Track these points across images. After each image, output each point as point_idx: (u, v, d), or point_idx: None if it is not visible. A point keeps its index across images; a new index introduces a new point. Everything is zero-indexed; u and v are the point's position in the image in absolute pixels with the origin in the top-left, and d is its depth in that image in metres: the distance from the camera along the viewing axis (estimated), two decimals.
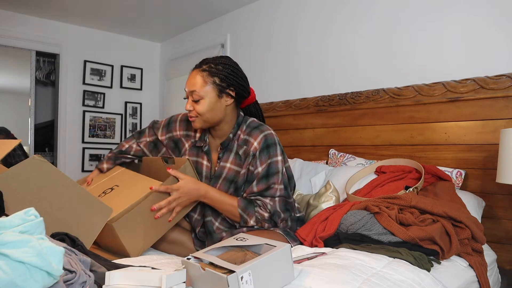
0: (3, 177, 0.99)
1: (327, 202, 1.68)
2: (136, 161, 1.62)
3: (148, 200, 1.24)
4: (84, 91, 3.63)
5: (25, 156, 2.99)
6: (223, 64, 1.33)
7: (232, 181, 1.35)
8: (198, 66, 1.34)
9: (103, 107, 3.75)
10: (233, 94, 1.34)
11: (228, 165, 1.36)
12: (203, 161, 1.42)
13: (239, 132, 1.38)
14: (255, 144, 1.33)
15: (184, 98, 1.38)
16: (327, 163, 2.25)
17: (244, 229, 1.32)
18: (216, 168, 1.38)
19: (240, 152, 1.35)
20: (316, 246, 1.28)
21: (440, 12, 1.92)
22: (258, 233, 1.27)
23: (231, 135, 1.37)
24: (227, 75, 1.32)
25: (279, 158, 1.32)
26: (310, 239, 1.31)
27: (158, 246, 1.39)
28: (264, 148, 1.32)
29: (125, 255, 1.21)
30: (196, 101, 1.31)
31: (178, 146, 1.49)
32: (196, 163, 1.43)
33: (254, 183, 1.31)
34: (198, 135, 1.46)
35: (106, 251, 1.28)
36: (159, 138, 1.51)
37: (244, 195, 1.33)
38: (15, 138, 3.52)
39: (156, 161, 1.48)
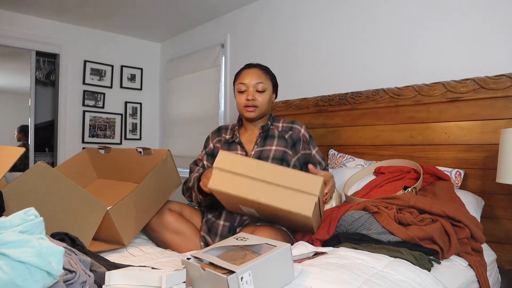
0: (11, 186, 1.02)
1: (328, 204, 1.68)
2: (102, 151, 1.71)
3: (139, 188, 1.33)
4: (84, 91, 3.63)
5: None
6: (270, 70, 1.64)
7: (282, 159, 1.51)
8: (255, 66, 1.59)
9: (103, 107, 3.75)
10: (276, 93, 1.66)
11: (273, 147, 1.54)
12: (236, 151, 1.57)
13: (275, 123, 1.64)
14: (302, 131, 1.61)
15: (240, 92, 1.56)
16: None
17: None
18: (253, 153, 1.54)
19: (286, 136, 1.57)
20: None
21: (440, 12, 1.92)
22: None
23: (269, 124, 1.61)
24: (275, 78, 1.64)
25: None
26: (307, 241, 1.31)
27: (163, 236, 1.45)
28: (310, 136, 1.63)
29: (118, 240, 1.28)
30: (260, 92, 1.54)
31: (214, 154, 1.63)
32: None
33: (323, 163, 1.60)
34: (228, 136, 1.65)
35: (99, 240, 1.33)
36: (204, 163, 1.66)
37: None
38: (29, 137, 3.52)
39: (129, 152, 1.59)
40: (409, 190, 1.49)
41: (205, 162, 1.65)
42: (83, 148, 1.74)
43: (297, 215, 1.14)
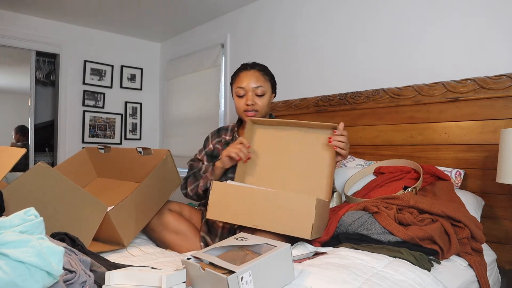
0: (12, 187, 1.02)
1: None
2: (102, 151, 1.71)
3: (138, 189, 1.33)
4: (84, 91, 3.63)
5: None
6: (268, 69, 1.61)
7: None
8: (252, 67, 1.56)
9: (103, 107, 3.75)
10: (275, 92, 1.64)
11: None
12: None
13: None
14: None
15: (239, 96, 1.55)
16: None
17: None
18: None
19: None
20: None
21: (440, 12, 1.92)
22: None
23: None
24: (273, 77, 1.62)
25: None
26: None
27: (163, 236, 1.45)
28: None
29: (118, 241, 1.28)
30: (260, 96, 1.53)
31: (214, 154, 1.63)
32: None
33: None
34: (229, 137, 1.64)
35: (100, 240, 1.33)
36: (205, 163, 1.65)
37: None
38: (28, 137, 3.52)
39: (129, 152, 1.59)
40: (409, 190, 1.48)
41: (205, 163, 1.65)
42: (83, 148, 1.74)
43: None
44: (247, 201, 1.18)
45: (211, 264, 0.79)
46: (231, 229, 1.44)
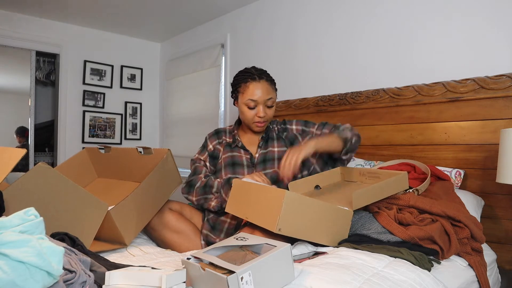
0: (13, 188, 1.02)
1: None
2: (102, 151, 1.71)
3: (139, 188, 1.34)
4: (84, 91, 3.63)
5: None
6: (270, 75, 1.59)
7: None
8: (260, 77, 1.52)
9: (103, 107, 3.75)
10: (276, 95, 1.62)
11: (276, 149, 1.57)
12: (241, 154, 1.58)
13: (271, 126, 1.64)
14: (294, 127, 1.63)
15: (250, 108, 1.52)
16: None
17: None
18: (257, 155, 1.56)
19: (283, 136, 1.61)
20: None
21: (440, 12, 1.92)
22: None
23: (271, 127, 1.62)
24: (275, 82, 1.59)
25: None
26: None
27: (163, 235, 1.45)
28: (305, 122, 1.63)
29: (120, 240, 1.29)
30: (270, 107, 1.53)
31: (214, 155, 1.63)
32: (232, 157, 1.58)
33: (325, 131, 1.56)
34: (229, 140, 1.64)
35: (101, 240, 1.33)
36: (207, 164, 1.64)
37: None
38: (28, 137, 3.52)
39: (129, 151, 1.59)
40: (410, 191, 1.48)
41: (207, 164, 1.64)
42: (83, 148, 1.74)
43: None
44: (246, 195, 1.22)
45: (211, 264, 0.79)
46: (238, 226, 1.44)
